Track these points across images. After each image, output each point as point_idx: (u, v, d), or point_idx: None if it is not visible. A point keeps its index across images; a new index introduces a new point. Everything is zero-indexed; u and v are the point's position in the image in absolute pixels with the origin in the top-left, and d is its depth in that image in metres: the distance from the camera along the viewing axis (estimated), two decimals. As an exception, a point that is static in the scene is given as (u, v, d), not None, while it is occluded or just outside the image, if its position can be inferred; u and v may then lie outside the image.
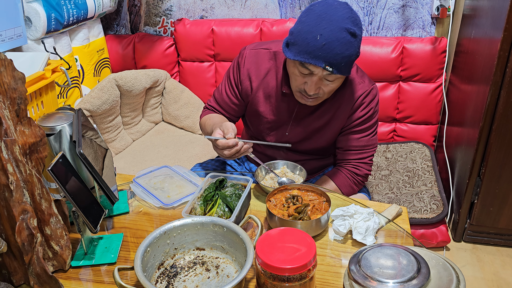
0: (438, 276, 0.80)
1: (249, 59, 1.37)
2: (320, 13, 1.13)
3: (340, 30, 1.11)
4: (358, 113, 1.33)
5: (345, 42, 1.12)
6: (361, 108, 1.33)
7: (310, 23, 1.13)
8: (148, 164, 1.96)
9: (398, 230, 1.08)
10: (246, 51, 1.38)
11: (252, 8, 2.34)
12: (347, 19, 1.13)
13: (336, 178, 1.38)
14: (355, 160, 1.38)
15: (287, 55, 1.19)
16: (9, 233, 0.85)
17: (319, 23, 1.12)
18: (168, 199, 1.18)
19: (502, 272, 1.83)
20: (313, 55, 1.13)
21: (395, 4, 2.19)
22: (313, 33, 1.12)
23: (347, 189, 1.38)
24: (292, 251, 0.83)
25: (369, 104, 1.33)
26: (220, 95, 1.44)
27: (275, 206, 1.09)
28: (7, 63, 0.87)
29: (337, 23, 1.11)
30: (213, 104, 1.46)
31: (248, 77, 1.37)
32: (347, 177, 1.38)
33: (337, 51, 1.12)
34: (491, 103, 1.69)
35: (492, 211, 1.86)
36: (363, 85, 1.33)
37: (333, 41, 1.11)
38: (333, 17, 1.12)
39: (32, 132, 0.91)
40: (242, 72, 1.37)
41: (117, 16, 2.50)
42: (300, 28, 1.15)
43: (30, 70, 1.53)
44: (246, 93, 1.39)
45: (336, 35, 1.11)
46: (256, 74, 1.36)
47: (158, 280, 0.92)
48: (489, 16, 1.73)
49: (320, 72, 1.17)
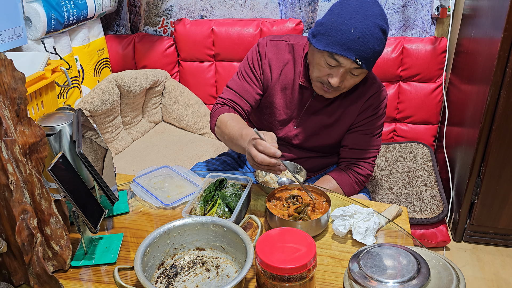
0: (438, 276, 0.80)
1: (270, 49, 1.37)
2: (355, 7, 1.16)
3: (374, 26, 1.14)
4: (368, 112, 1.35)
5: (378, 38, 1.15)
6: (371, 108, 1.35)
7: (344, 16, 1.15)
8: (148, 164, 1.96)
9: (398, 230, 1.08)
10: (266, 42, 1.38)
11: (252, 8, 2.34)
12: (380, 16, 1.16)
13: (338, 177, 1.38)
14: (358, 159, 1.39)
15: (316, 45, 1.19)
16: (9, 233, 0.85)
17: (354, 16, 1.14)
18: (168, 199, 1.18)
19: (502, 272, 1.83)
20: (346, 46, 1.14)
21: (395, 4, 2.19)
22: (348, 25, 1.14)
23: (348, 189, 1.38)
24: (292, 251, 0.83)
25: (379, 105, 1.35)
26: (241, 85, 1.37)
27: (275, 206, 1.09)
28: (7, 63, 0.87)
29: (372, 19, 1.14)
30: (232, 97, 1.36)
31: (269, 66, 1.37)
32: (349, 176, 1.38)
33: (370, 46, 1.14)
34: (491, 103, 1.69)
35: (492, 211, 1.86)
36: (375, 86, 1.35)
37: (367, 35, 1.13)
38: (368, 13, 1.15)
39: (32, 132, 0.91)
40: (264, 62, 1.37)
41: (117, 16, 2.50)
42: (334, 19, 1.16)
43: (30, 70, 1.53)
44: (267, 83, 1.39)
45: (370, 30, 1.14)
46: (277, 64, 1.37)
47: (158, 280, 0.92)
48: (489, 16, 1.73)
49: (349, 65, 1.18)
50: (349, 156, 1.40)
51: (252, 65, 1.39)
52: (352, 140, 1.38)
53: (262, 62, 1.38)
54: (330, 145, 1.44)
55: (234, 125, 1.23)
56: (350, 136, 1.39)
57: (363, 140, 1.38)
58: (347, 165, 1.40)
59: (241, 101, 1.37)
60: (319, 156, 1.48)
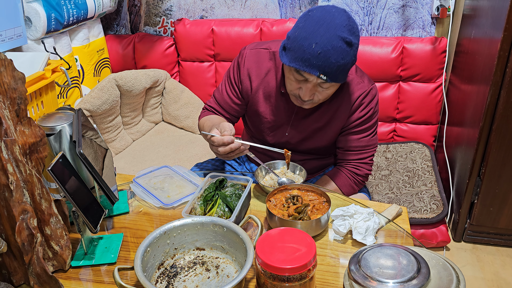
0: (438, 276, 0.80)
1: (249, 58, 1.37)
2: (317, 19, 1.12)
3: (336, 39, 1.10)
4: (358, 113, 1.33)
5: (341, 51, 1.11)
6: (360, 109, 1.33)
7: (307, 29, 1.12)
8: (148, 164, 1.96)
9: (398, 230, 1.08)
10: (246, 51, 1.38)
11: (252, 8, 2.34)
12: (344, 27, 1.11)
13: (337, 178, 1.38)
14: (355, 160, 1.38)
15: (283, 60, 1.18)
16: (9, 233, 0.85)
17: (316, 30, 1.11)
18: (168, 199, 1.18)
19: (502, 272, 1.83)
20: (308, 63, 1.12)
21: (395, 4, 2.19)
22: (309, 40, 1.11)
23: (347, 189, 1.38)
24: (292, 251, 0.83)
25: (368, 104, 1.33)
26: (221, 95, 1.43)
27: (275, 206, 1.09)
28: (7, 63, 0.87)
29: (334, 31, 1.10)
30: (213, 105, 1.45)
31: (248, 76, 1.37)
32: (347, 177, 1.38)
33: (332, 60, 1.11)
34: (491, 103, 1.69)
35: (492, 211, 1.86)
36: (362, 85, 1.32)
37: (329, 49, 1.10)
38: (330, 25, 1.10)
39: (32, 132, 0.91)
40: (242, 72, 1.37)
41: (117, 16, 2.50)
42: (297, 34, 1.14)
43: (30, 70, 1.53)
44: (247, 93, 1.39)
45: (332, 43, 1.10)
46: (256, 73, 1.36)
47: (158, 280, 0.92)
48: (489, 16, 1.73)
49: (315, 80, 1.16)
50: (346, 158, 1.39)
51: (233, 75, 1.40)
52: (347, 142, 1.38)
53: (240, 73, 1.37)
54: (325, 147, 1.43)
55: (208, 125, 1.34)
56: (344, 138, 1.38)
57: (358, 141, 1.37)
58: (345, 166, 1.40)
59: (222, 110, 1.44)
60: (315, 158, 1.47)
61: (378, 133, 2.28)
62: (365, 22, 2.25)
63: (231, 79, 1.41)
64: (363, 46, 2.16)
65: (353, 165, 1.38)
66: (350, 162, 1.39)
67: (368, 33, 2.28)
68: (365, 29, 2.27)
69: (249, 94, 1.39)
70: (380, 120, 2.29)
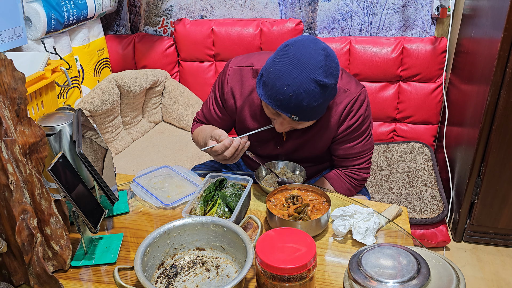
0: (438, 276, 0.80)
1: (232, 77, 1.33)
2: (292, 57, 1.08)
3: (309, 82, 1.07)
4: (348, 122, 1.29)
5: (314, 94, 1.08)
6: (349, 117, 1.29)
7: (281, 68, 1.09)
8: (148, 164, 1.96)
9: (398, 230, 1.08)
10: (229, 69, 1.34)
11: (252, 8, 2.34)
12: (320, 69, 1.07)
13: (334, 182, 1.37)
14: (352, 166, 1.37)
15: (258, 93, 1.16)
16: (9, 233, 0.85)
17: (289, 70, 1.07)
18: (168, 199, 1.18)
19: (502, 272, 1.83)
20: (280, 103, 1.10)
21: (395, 4, 2.19)
22: (282, 80, 1.08)
23: (344, 192, 1.37)
24: (292, 251, 0.83)
25: (357, 111, 1.28)
26: (208, 110, 1.43)
27: (275, 206, 1.09)
28: (7, 63, 0.87)
29: (307, 74, 1.06)
30: (202, 119, 1.46)
31: (232, 95, 1.34)
32: (345, 180, 1.37)
33: (304, 103, 1.08)
34: (491, 103, 1.69)
35: (492, 211, 1.86)
36: (349, 93, 1.27)
37: (301, 93, 1.07)
38: (306, 65, 1.07)
39: (32, 132, 0.91)
40: (225, 91, 1.34)
41: (117, 16, 2.50)
42: (272, 70, 1.11)
43: (30, 70, 1.53)
44: (232, 111, 1.37)
45: (304, 86, 1.07)
46: (240, 92, 1.33)
47: (158, 280, 0.92)
48: (489, 16, 1.73)
49: (288, 118, 1.15)
50: (343, 164, 1.38)
51: (218, 92, 1.38)
52: (341, 151, 1.35)
53: (224, 92, 1.35)
54: (317, 156, 1.42)
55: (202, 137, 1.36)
56: (338, 147, 1.36)
57: (353, 149, 1.34)
58: (342, 170, 1.39)
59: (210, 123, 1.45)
60: (311, 165, 1.46)
61: (378, 133, 2.29)
62: (365, 22, 2.25)
63: (216, 96, 1.39)
64: (363, 46, 2.16)
65: (349, 171, 1.37)
66: (347, 168, 1.38)
67: (368, 33, 2.28)
68: (365, 29, 2.27)
69: (234, 112, 1.37)
70: (380, 120, 2.29)
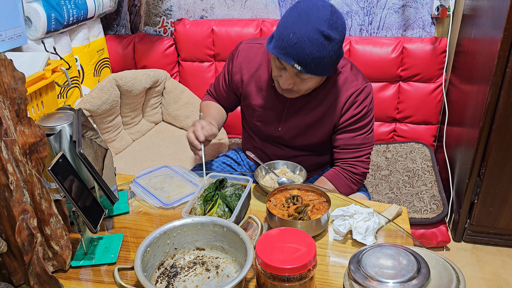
0: (438, 276, 0.80)
1: (242, 52, 1.43)
2: (301, 11, 1.15)
3: (313, 31, 1.12)
4: (352, 111, 1.34)
5: (317, 44, 1.13)
6: (354, 107, 1.33)
7: (289, 20, 1.16)
8: (148, 164, 1.96)
9: (398, 230, 1.08)
10: (242, 45, 1.44)
11: (252, 8, 2.34)
12: (325, 21, 1.13)
13: (334, 179, 1.38)
14: (351, 159, 1.38)
15: (267, 47, 1.23)
16: (9, 233, 0.85)
17: (296, 21, 1.14)
18: (168, 199, 1.18)
19: (502, 272, 1.83)
20: (285, 51, 1.16)
21: (395, 4, 2.19)
22: (288, 30, 1.15)
23: (345, 189, 1.38)
24: (292, 251, 0.83)
25: (362, 102, 1.33)
26: (218, 83, 1.53)
27: (275, 206, 1.09)
28: (7, 63, 0.87)
29: (312, 24, 1.13)
30: (212, 91, 1.58)
31: (240, 70, 1.42)
32: (344, 177, 1.38)
33: (307, 51, 1.13)
34: (491, 103, 1.69)
35: (492, 211, 1.86)
36: (356, 83, 1.33)
37: (305, 41, 1.13)
38: (311, 18, 1.13)
39: (32, 132, 0.91)
40: (234, 65, 1.43)
41: (117, 16, 2.50)
42: (281, 23, 1.18)
43: (30, 70, 1.53)
44: (237, 86, 1.44)
45: (308, 35, 1.12)
46: (248, 67, 1.41)
47: (158, 280, 0.92)
48: (489, 16, 1.73)
49: (291, 69, 1.20)
50: (342, 157, 1.40)
51: (227, 67, 1.48)
52: (342, 141, 1.38)
53: (233, 65, 1.44)
54: (318, 144, 1.44)
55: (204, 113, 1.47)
56: (339, 137, 1.38)
57: (353, 140, 1.37)
58: (341, 165, 1.40)
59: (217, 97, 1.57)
60: (311, 154, 1.48)
61: (378, 133, 2.29)
62: (365, 22, 2.25)
63: (225, 71, 1.49)
64: (363, 46, 2.16)
65: (349, 164, 1.39)
66: (346, 160, 1.39)
67: (368, 33, 2.28)
68: (365, 29, 2.27)
69: (239, 87, 1.44)
70: (380, 120, 2.29)
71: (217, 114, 1.49)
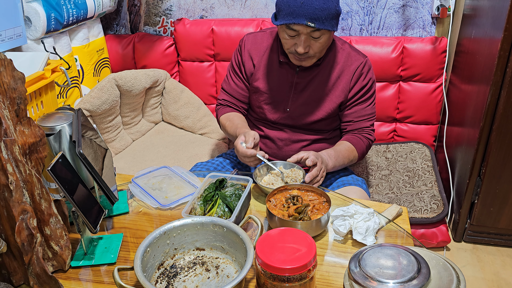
0: (438, 276, 0.80)
1: (248, 42, 1.51)
2: None
3: None
4: (361, 82, 1.45)
5: None
6: (361, 78, 1.45)
7: None
8: (148, 164, 1.96)
9: (398, 230, 1.08)
10: (245, 37, 1.53)
11: (252, 8, 2.34)
12: None
13: (352, 140, 1.47)
14: (367, 127, 1.51)
15: (275, 23, 1.30)
16: (9, 233, 0.85)
17: None
18: (165, 200, 1.18)
19: (502, 272, 1.83)
20: (295, 14, 1.23)
21: (395, 4, 2.19)
22: None
23: (361, 151, 1.48)
24: (292, 251, 0.83)
25: (367, 74, 1.46)
26: (228, 85, 1.57)
27: (275, 206, 1.09)
28: (7, 63, 0.87)
29: None
30: (225, 97, 1.58)
31: (250, 57, 1.50)
32: (362, 140, 1.49)
33: (316, 6, 1.22)
34: (491, 103, 1.69)
35: (492, 211, 1.86)
36: (358, 57, 1.46)
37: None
38: None
39: (32, 132, 0.91)
40: (243, 54, 1.50)
41: (117, 16, 2.50)
42: None
43: (30, 70, 1.53)
44: (250, 72, 1.50)
45: None
46: (256, 53, 1.50)
47: (158, 280, 0.91)
48: (489, 16, 1.73)
49: (305, 30, 1.27)
50: (359, 126, 1.50)
51: (235, 62, 1.54)
52: (356, 114, 1.49)
53: (242, 56, 1.51)
54: (322, 121, 1.49)
55: (231, 126, 1.48)
56: (351, 110, 1.49)
57: (365, 110, 1.49)
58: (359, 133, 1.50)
59: (233, 99, 1.57)
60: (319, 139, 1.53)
61: (378, 133, 2.29)
62: (365, 22, 2.25)
63: (234, 67, 1.53)
64: (363, 46, 2.15)
65: (366, 132, 1.50)
66: (363, 129, 1.50)
67: (368, 33, 2.27)
68: (365, 29, 2.27)
69: (252, 72, 1.50)
70: (380, 120, 2.29)
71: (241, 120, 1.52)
